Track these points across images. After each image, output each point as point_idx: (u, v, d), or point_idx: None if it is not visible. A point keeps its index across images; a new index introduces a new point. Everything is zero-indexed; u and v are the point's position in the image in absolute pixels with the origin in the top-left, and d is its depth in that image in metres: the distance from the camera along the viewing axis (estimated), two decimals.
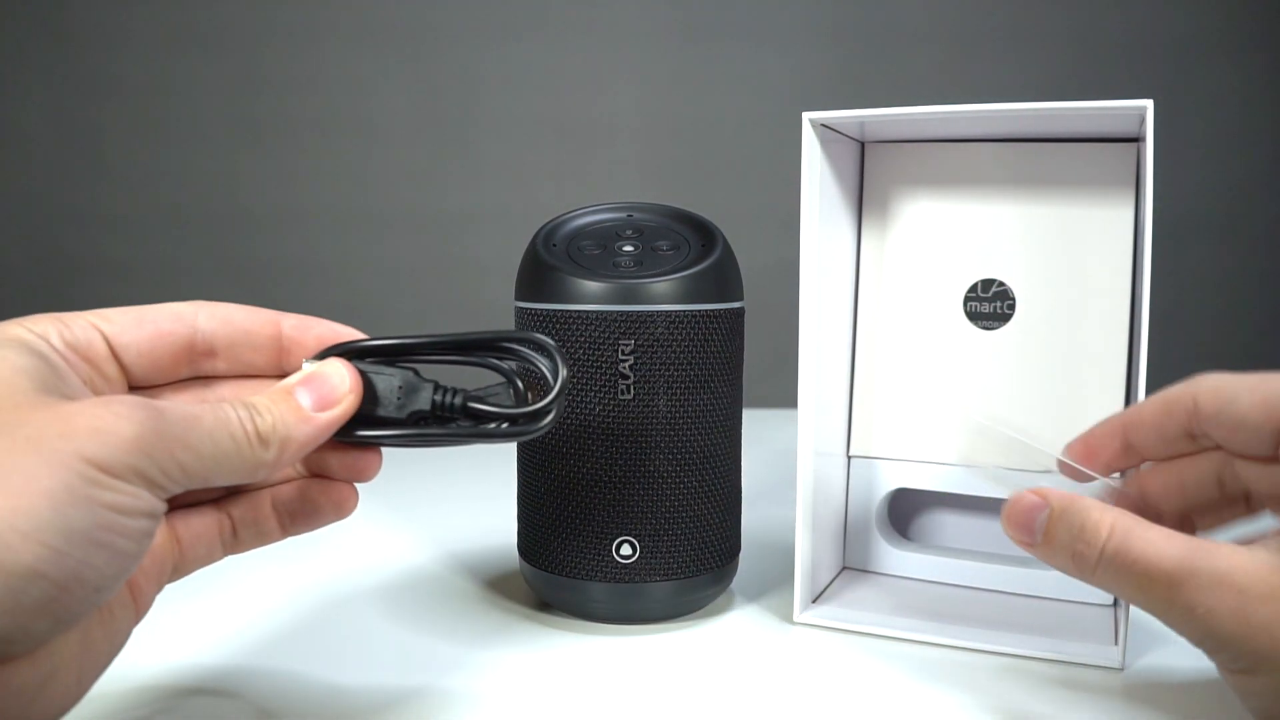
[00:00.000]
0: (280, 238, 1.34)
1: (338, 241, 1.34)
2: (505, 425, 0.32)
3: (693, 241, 0.48)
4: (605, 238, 0.48)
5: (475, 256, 1.30)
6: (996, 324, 0.51)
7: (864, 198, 0.53)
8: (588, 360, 0.44)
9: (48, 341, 0.29)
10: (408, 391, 0.32)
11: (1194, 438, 0.37)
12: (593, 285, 0.45)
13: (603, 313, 0.44)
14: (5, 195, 1.36)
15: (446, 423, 0.33)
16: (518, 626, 0.48)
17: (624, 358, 0.44)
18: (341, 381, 0.31)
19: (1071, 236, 0.49)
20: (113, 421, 0.25)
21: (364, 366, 0.32)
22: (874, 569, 0.53)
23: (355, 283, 1.34)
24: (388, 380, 0.32)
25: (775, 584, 0.53)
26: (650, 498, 0.45)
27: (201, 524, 0.33)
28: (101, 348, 0.31)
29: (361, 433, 0.32)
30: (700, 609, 0.49)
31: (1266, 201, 1.31)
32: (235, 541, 0.34)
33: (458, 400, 0.32)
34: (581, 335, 0.44)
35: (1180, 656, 0.44)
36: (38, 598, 0.24)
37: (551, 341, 0.33)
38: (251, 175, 1.34)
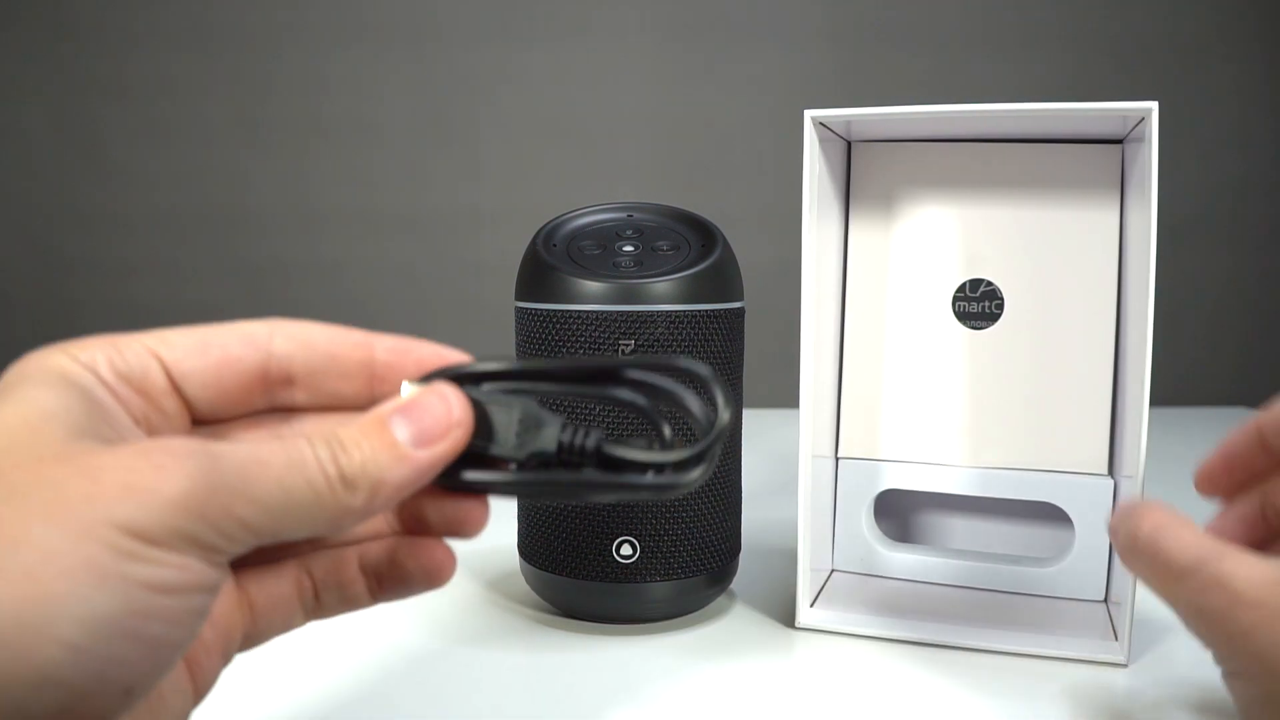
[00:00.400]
0: (280, 238, 1.34)
1: (338, 241, 1.34)
2: (650, 475, 0.25)
3: (693, 241, 0.48)
4: (605, 238, 0.48)
5: (475, 256, 1.30)
6: (985, 324, 0.51)
7: (851, 197, 0.53)
8: None
9: (95, 373, 0.24)
10: (528, 427, 0.26)
11: None
12: (593, 285, 0.45)
13: (603, 313, 0.44)
14: (5, 195, 1.36)
15: (575, 469, 0.26)
16: (518, 626, 0.48)
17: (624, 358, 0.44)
18: (448, 411, 0.25)
19: (1059, 237, 0.50)
20: (152, 475, 0.20)
21: (475, 394, 0.26)
22: (864, 571, 0.53)
23: (355, 283, 1.34)
24: (505, 412, 0.26)
25: (775, 584, 0.53)
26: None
27: (279, 585, 0.27)
28: (159, 379, 0.25)
29: (470, 476, 0.26)
30: (700, 609, 0.49)
31: (1266, 202, 1.31)
32: (318, 606, 0.28)
33: (590, 442, 0.26)
34: (581, 335, 0.44)
35: (1182, 651, 0.44)
36: (51, 708, 0.19)
37: (708, 369, 0.26)
38: (252, 175, 1.34)
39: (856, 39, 1.29)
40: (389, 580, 0.28)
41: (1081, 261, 0.49)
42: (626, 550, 0.45)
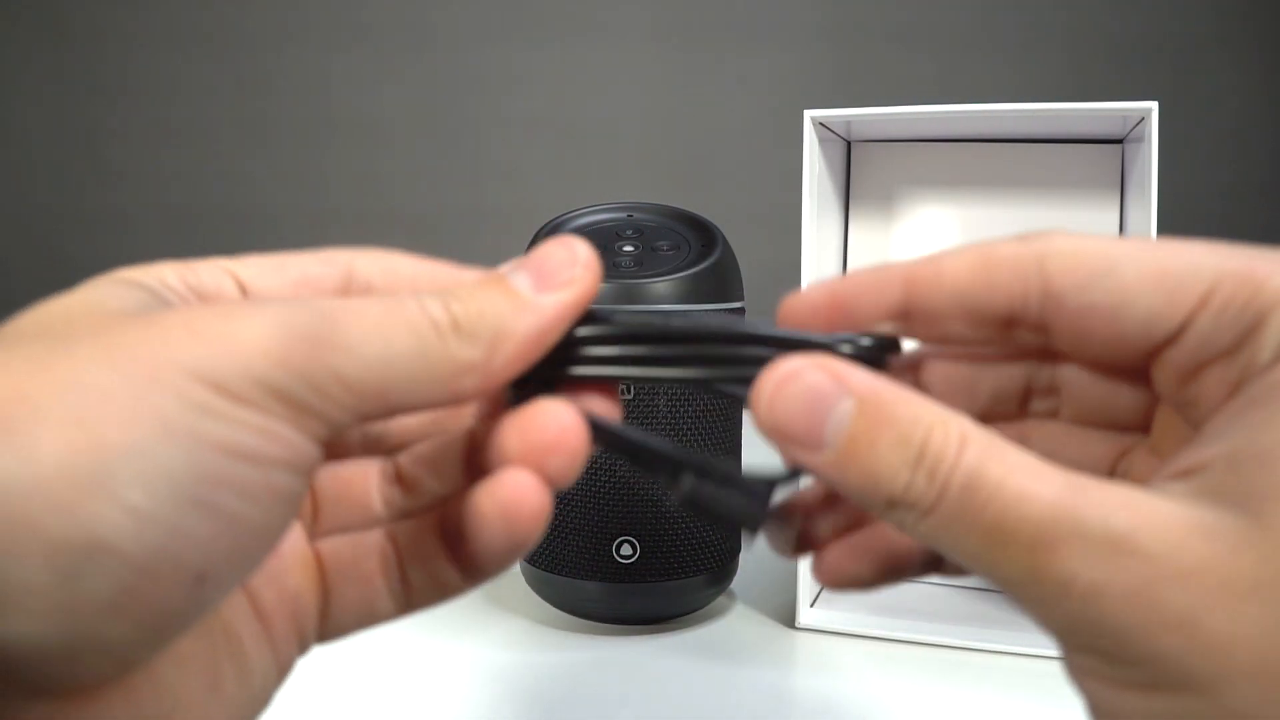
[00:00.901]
0: (280, 238, 1.34)
1: (338, 241, 1.33)
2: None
3: (693, 241, 0.48)
4: (605, 238, 0.48)
5: (475, 256, 1.29)
6: None
7: (851, 197, 0.53)
8: None
9: (164, 283, 0.21)
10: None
11: (1015, 326, 0.21)
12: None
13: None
14: (5, 195, 1.36)
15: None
16: (518, 626, 0.48)
17: None
18: (572, 253, 0.21)
19: None
20: (231, 322, 0.17)
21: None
22: None
23: None
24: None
25: (775, 584, 0.53)
26: (650, 498, 0.45)
27: (355, 550, 0.23)
28: (234, 295, 0.22)
29: (582, 369, 0.21)
30: (700, 609, 0.49)
31: (1266, 202, 1.31)
32: (405, 589, 0.23)
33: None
34: None
35: None
36: (107, 585, 0.16)
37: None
38: (253, 175, 1.34)
39: (856, 39, 1.29)
40: (467, 539, 0.21)
41: None
42: (626, 550, 0.45)
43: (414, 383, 0.19)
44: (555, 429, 0.20)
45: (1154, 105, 0.41)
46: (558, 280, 0.20)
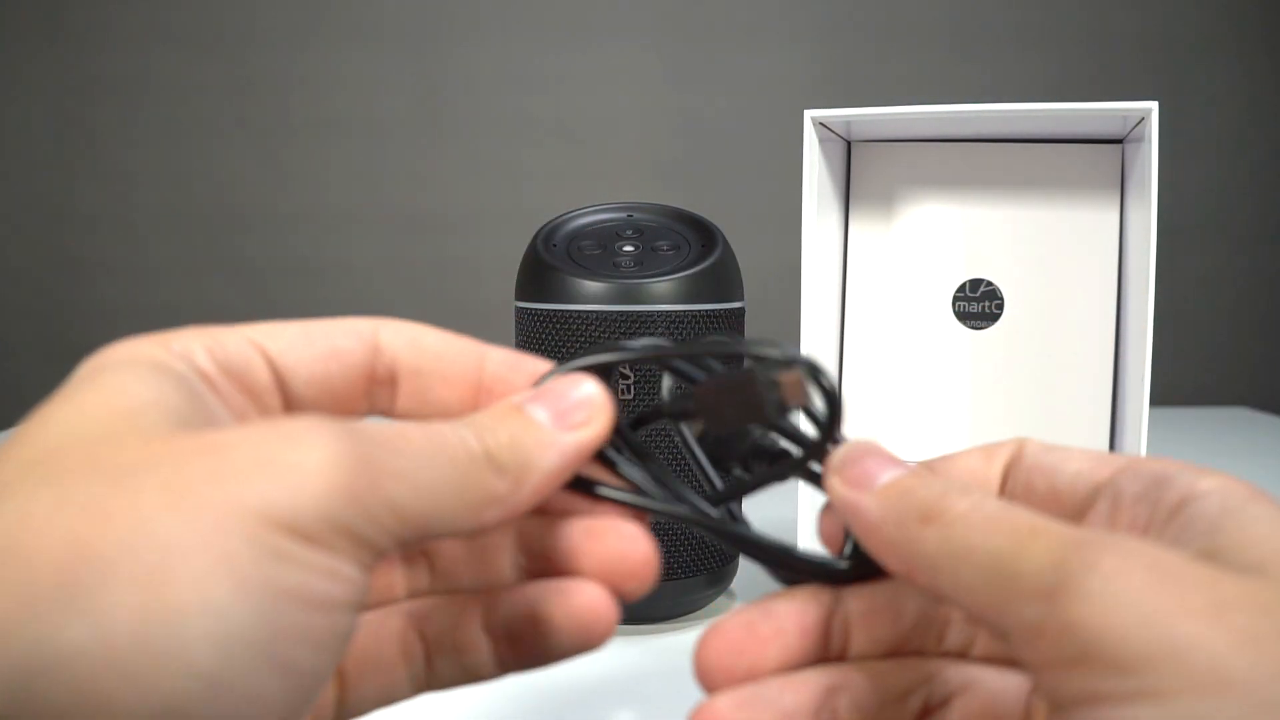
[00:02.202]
0: (280, 238, 1.34)
1: (338, 241, 1.34)
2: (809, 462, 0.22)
3: (693, 241, 0.48)
4: (605, 238, 0.48)
5: (475, 256, 1.30)
6: (985, 324, 0.51)
7: (851, 197, 0.53)
8: None
9: (192, 363, 0.20)
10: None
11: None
12: (593, 285, 0.45)
13: (603, 313, 0.44)
14: (5, 195, 1.36)
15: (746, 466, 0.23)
16: None
17: None
18: (587, 393, 0.21)
19: (1059, 237, 0.50)
20: (302, 448, 0.17)
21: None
22: None
23: (355, 283, 1.34)
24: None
25: (775, 585, 0.53)
26: None
27: (378, 644, 0.22)
28: (263, 372, 0.21)
29: (606, 491, 0.22)
30: (700, 609, 0.49)
31: (1266, 202, 1.31)
32: (429, 674, 0.23)
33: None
34: (581, 335, 0.44)
35: None
36: None
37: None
38: (251, 175, 1.34)
39: (856, 39, 1.29)
40: (527, 639, 0.22)
41: (1081, 261, 0.49)
42: None
43: (451, 512, 0.19)
44: (639, 556, 0.21)
45: (1154, 105, 0.41)
46: (575, 420, 0.21)
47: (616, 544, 0.21)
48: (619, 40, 1.31)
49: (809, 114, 0.46)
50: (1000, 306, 0.51)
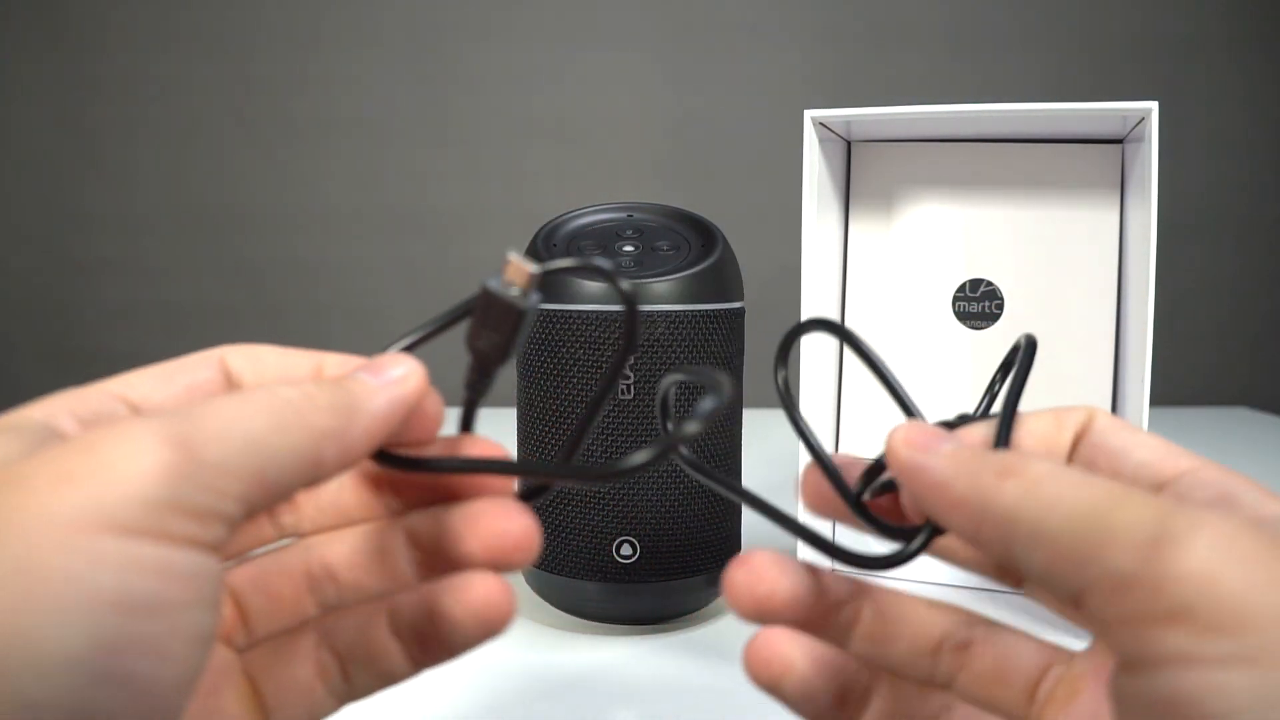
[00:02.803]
0: (280, 238, 1.34)
1: (338, 241, 1.34)
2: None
3: (693, 241, 0.48)
4: (605, 238, 0.48)
5: (475, 256, 1.30)
6: (985, 324, 0.51)
7: (851, 197, 0.53)
8: (588, 360, 0.44)
9: (52, 425, 0.20)
10: None
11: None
12: (593, 285, 0.45)
13: (603, 313, 0.44)
14: (5, 195, 1.36)
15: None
16: (517, 626, 0.48)
17: None
18: (403, 359, 0.23)
19: (1059, 237, 0.50)
20: (107, 447, 0.17)
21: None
22: (862, 571, 0.53)
23: (355, 283, 1.34)
24: None
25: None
26: (650, 498, 0.45)
27: (292, 669, 0.23)
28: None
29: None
30: (700, 609, 0.49)
31: (1266, 202, 1.31)
32: (347, 686, 0.24)
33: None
34: (581, 335, 0.44)
35: None
36: None
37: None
38: (251, 175, 1.34)
39: (856, 39, 1.29)
40: (433, 637, 0.23)
41: (1081, 261, 0.49)
42: (626, 550, 0.45)
43: (285, 455, 0.19)
44: (518, 531, 0.22)
45: (1154, 105, 0.41)
46: (393, 377, 0.22)
47: (495, 522, 0.22)
48: (619, 40, 1.31)
49: (809, 114, 0.46)
50: (1000, 306, 0.51)
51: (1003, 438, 0.24)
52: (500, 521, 0.22)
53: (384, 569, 0.24)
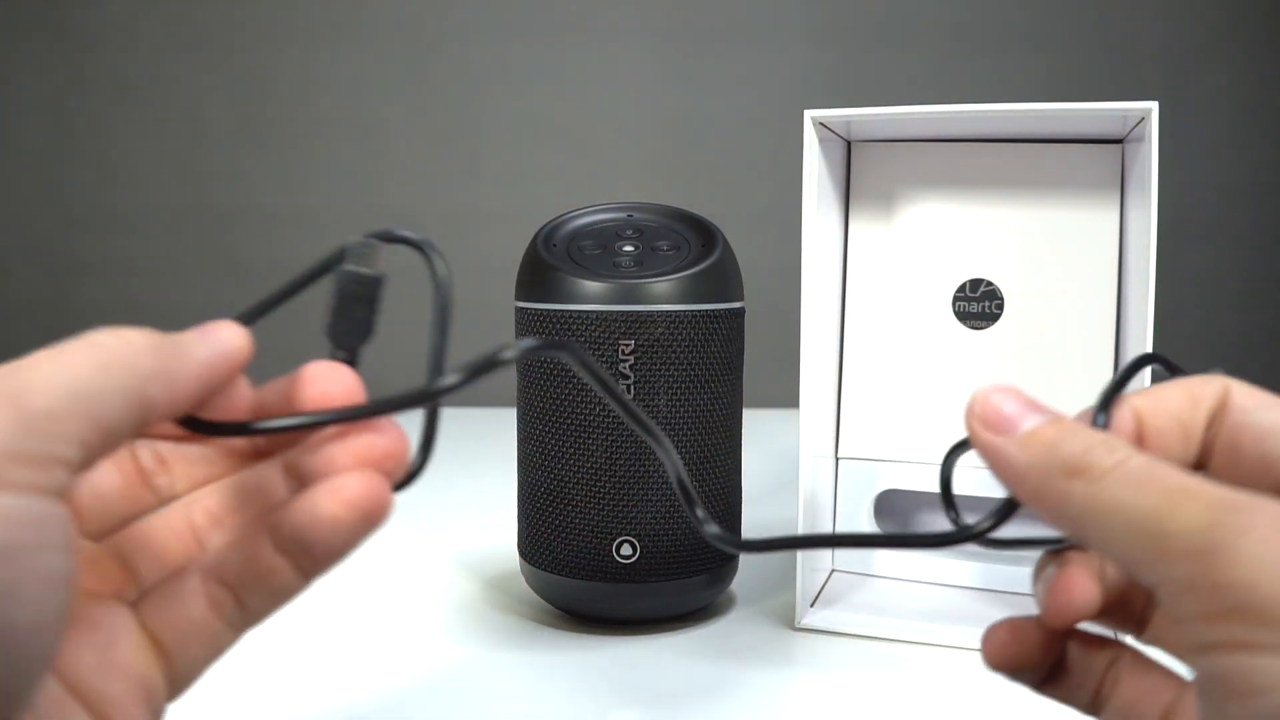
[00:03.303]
0: (280, 238, 1.34)
1: (337, 241, 1.33)
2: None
3: (693, 241, 0.48)
4: (605, 238, 0.48)
5: (475, 256, 1.30)
6: (985, 324, 0.51)
7: (851, 197, 0.53)
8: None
9: None
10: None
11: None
12: (593, 285, 0.45)
13: (603, 313, 0.44)
14: (5, 195, 1.36)
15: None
16: (518, 626, 0.48)
17: (624, 358, 0.44)
18: (226, 324, 0.24)
19: (1059, 237, 0.50)
20: None
21: None
22: (864, 571, 0.53)
23: None
24: None
25: (774, 585, 0.53)
26: (650, 498, 0.45)
27: (185, 609, 0.24)
28: None
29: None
30: (700, 609, 0.49)
31: (1266, 202, 1.31)
32: (243, 613, 0.24)
33: None
34: (581, 335, 0.44)
35: None
36: None
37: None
38: (252, 175, 1.34)
39: (856, 39, 1.29)
40: (318, 543, 0.23)
41: (1081, 261, 0.49)
42: (626, 550, 0.45)
43: (108, 396, 0.20)
44: (387, 440, 0.23)
45: (1154, 105, 0.41)
46: (220, 334, 0.23)
47: (365, 435, 0.23)
48: (619, 40, 1.31)
49: (809, 114, 0.46)
50: (1000, 306, 0.51)
51: (1101, 414, 0.24)
52: (371, 433, 0.23)
53: (264, 502, 0.25)
